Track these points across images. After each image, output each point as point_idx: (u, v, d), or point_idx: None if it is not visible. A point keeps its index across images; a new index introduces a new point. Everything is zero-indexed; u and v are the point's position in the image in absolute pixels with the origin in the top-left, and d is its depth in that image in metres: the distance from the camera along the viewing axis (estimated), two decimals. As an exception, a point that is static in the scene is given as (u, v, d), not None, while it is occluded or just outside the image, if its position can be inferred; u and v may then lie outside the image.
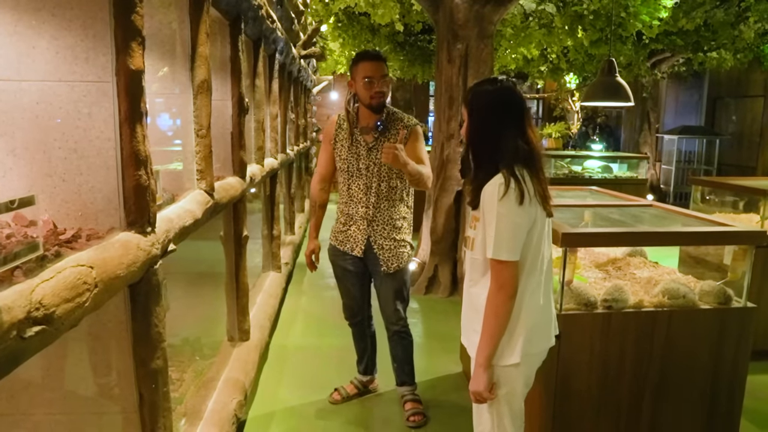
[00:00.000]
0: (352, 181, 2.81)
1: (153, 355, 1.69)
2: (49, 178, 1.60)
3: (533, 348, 1.76)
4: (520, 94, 1.77)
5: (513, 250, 1.64)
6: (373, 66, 2.66)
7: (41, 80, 1.55)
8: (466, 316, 1.87)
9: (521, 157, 1.68)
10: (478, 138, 1.76)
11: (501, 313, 1.66)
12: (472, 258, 1.79)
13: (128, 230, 1.60)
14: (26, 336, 1.03)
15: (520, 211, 1.63)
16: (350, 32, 8.25)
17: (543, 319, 1.79)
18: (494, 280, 1.66)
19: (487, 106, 1.73)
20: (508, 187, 1.62)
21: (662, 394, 2.30)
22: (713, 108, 11.94)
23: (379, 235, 2.79)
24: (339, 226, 2.91)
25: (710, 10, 7.15)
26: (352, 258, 2.86)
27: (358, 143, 2.77)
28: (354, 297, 3.01)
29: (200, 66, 2.32)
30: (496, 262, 1.65)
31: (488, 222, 1.66)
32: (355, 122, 2.78)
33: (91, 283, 1.27)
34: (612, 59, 3.93)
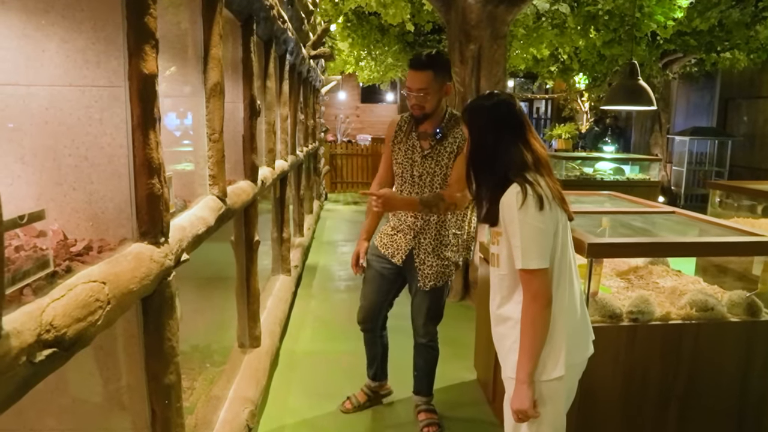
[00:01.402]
0: (404, 187, 2.67)
1: (166, 370, 1.63)
2: (59, 187, 1.53)
3: (574, 358, 1.70)
4: (517, 104, 1.75)
5: (542, 257, 1.59)
6: (412, 77, 2.49)
7: (51, 85, 1.49)
8: (499, 335, 1.80)
9: (530, 164, 1.66)
10: (480, 153, 1.74)
11: (539, 324, 1.61)
12: (500, 275, 1.74)
13: (141, 241, 1.54)
14: (36, 361, 0.96)
15: (542, 217, 1.59)
16: (359, 32, 8.19)
17: (581, 326, 1.74)
18: (527, 291, 1.62)
19: (486, 122, 1.72)
20: (526, 194, 1.59)
21: (688, 409, 2.22)
22: (725, 109, 11.80)
23: (423, 249, 2.66)
24: (387, 229, 2.80)
25: (725, 10, 7.04)
26: (390, 264, 2.76)
27: (415, 148, 2.63)
28: (372, 303, 2.89)
29: (213, 68, 2.26)
30: (526, 273, 1.60)
31: (512, 233, 1.62)
32: (413, 125, 2.64)
33: (103, 300, 1.21)
34: (634, 62, 3.84)
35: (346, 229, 8.36)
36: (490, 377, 3.11)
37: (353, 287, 5.54)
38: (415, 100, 2.50)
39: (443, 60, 2.55)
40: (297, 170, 6.20)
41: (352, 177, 12.52)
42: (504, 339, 1.75)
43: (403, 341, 3.06)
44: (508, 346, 1.73)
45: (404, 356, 3.09)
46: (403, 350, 3.11)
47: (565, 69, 10.27)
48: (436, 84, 2.49)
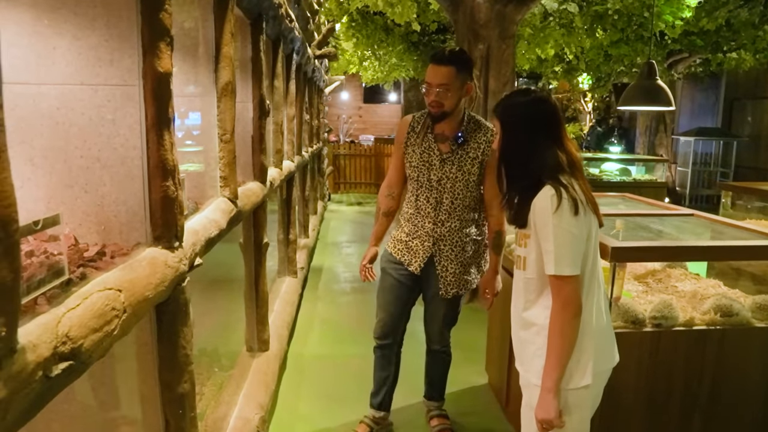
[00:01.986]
0: (420, 192, 2.51)
1: (180, 379, 1.58)
2: (70, 189, 1.48)
3: (601, 366, 1.65)
4: (554, 103, 1.69)
5: (575, 263, 1.54)
6: (432, 71, 2.35)
7: (62, 84, 1.43)
8: (522, 341, 1.75)
9: (564, 166, 1.61)
10: (512, 152, 1.69)
11: (568, 333, 1.56)
12: (527, 278, 1.68)
13: (154, 246, 1.49)
14: (53, 375, 0.91)
15: (576, 222, 1.54)
16: (364, 32, 8.14)
17: (608, 334, 1.70)
18: (557, 297, 1.57)
19: (519, 119, 1.66)
20: (561, 198, 1.54)
21: (712, 416, 2.17)
22: (730, 109, 11.74)
23: (445, 256, 2.53)
24: (401, 234, 2.63)
25: (734, 10, 6.98)
26: (406, 272, 2.59)
27: (432, 151, 2.47)
28: (393, 314, 2.69)
29: (225, 67, 2.20)
30: (557, 279, 1.55)
31: (544, 237, 1.57)
32: (430, 126, 2.49)
33: (119, 309, 1.15)
34: (652, 62, 3.78)
35: (350, 230, 8.30)
36: (504, 382, 3.06)
37: (359, 289, 5.48)
38: (435, 96, 2.35)
39: (466, 57, 2.42)
40: (302, 171, 6.15)
41: (355, 177, 12.46)
42: (527, 344, 1.70)
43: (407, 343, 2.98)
44: (531, 352, 1.68)
45: (410, 359, 3.00)
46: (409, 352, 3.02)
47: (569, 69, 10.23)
48: (458, 81, 2.35)
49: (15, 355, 0.82)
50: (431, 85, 2.36)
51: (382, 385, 2.84)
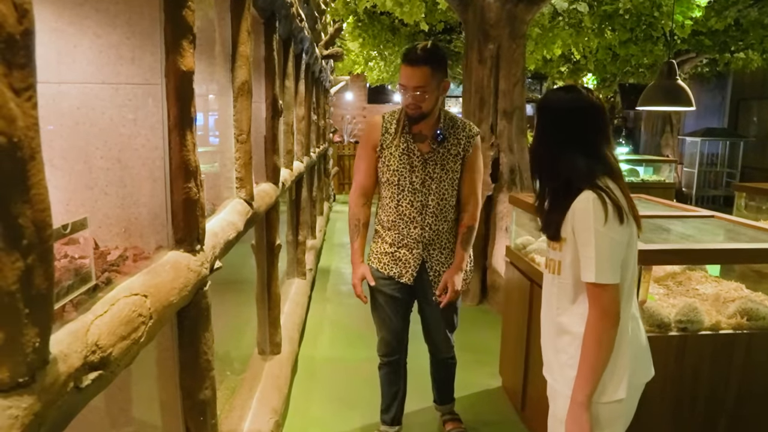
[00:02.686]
0: (402, 196, 2.37)
1: (201, 385, 1.54)
2: (90, 191, 1.44)
3: (636, 380, 1.59)
4: (597, 104, 1.59)
5: (616, 271, 1.48)
6: (407, 73, 2.21)
7: (82, 82, 1.40)
8: (553, 348, 1.68)
9: (602, 169, 1.54)
10: (542, 150, 1.62)
11: (605, 344, 1.49)
12: (561, 283, 1.61)
13: (176, 249, 1.45)
14: (83, 386, 0.87)
15: (619, 229, 1.48)
16: (370, 32, 8.10)
17: (645, 347, 1.64)
18: (595, 306, 1.50)
19: (559, 117, 1.58)
20: (605, 203, 1.47)
21: (739, 421, 2.13)
22: (737, 110, 11.68)
23: (435, 260, 2.44)
24: (384, 246, 2.49)
25: (743, 9, 6.93)
26: (399, 285, 2.47)
27: (411, 152, 2.34)
28: (395, 330, 2.58)
29: (241, 66, 2.17)
30: (596, 287, 1.48)
31: (584, 242, 1.50)
32: (406, 126, 2.35)
33: (146, 315, 1.11)
34: (672, 61, 3.73)
35: (356, 231, 8.24)
36: (519, 385, 3.01)
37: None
38: (412, 98, 2.22)
39: (441, 54, 2.25)
40: (310, 172, 6.11)
41: (359, 178, 12.40)
42: (559, 352, 1.64)
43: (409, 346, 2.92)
44: (563, 361, 1.62)
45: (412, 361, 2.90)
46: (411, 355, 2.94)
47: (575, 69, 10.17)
48: (434, 81, 2.21)
49: (47, 366, 0.78)
50: (407, 88, 2.22)
51: (393, 399, 2.75)
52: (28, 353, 0.72)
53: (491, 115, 4.93)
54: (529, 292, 2.87)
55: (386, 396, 2.75)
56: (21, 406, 0.70)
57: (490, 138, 4.95)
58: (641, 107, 4.03)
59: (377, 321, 2.62)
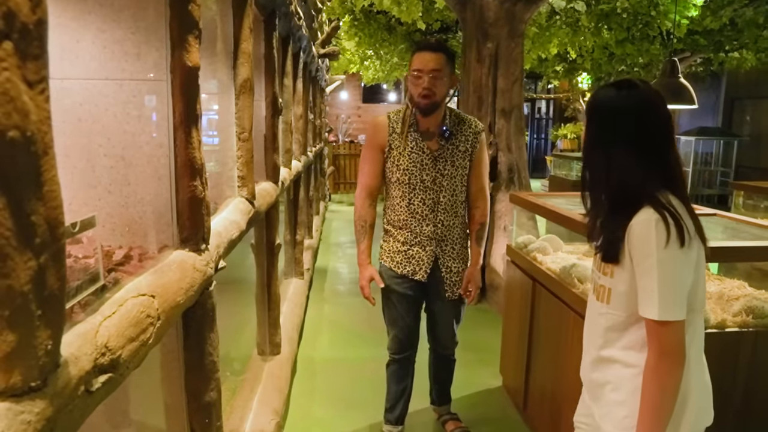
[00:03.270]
0: (414, 195, 2.38)
1: (207, 387, 1.51)
2: (93, 190, 1.41)
3: (700, 426, 1.42)
4: (655, 101, 1.38)
5: (682, 306, 1.29)
6: (425, 57, 2.22)
7: (86, 79, 1.37)
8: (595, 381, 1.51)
9: (663, 181, 1.33)
10: (592, 158, 1.42)
11: (670, 387, 1.30)
12: (610, 314, 1.42)
13: (182, 248, 1.42)
14: (93, 389, 0.84)
15: (684, 255, 1.28)
16: (366, 31, 8.08)
17: (708, 386, 1.48)
18: (656, 346, 1.30)
19: (612, 117, 1.38)
20: (669, 226, 1.26)
21: (747, 418, 2.12)
22: (731, 109, 11.75)
23: (448, 256, 2.46)
24: (396, 245, 2.48)
25: (739, 9, 6.96)
26: (412, 282, 2.48)
27: (421, 151, 2.36)
28: (408, 327, 2.58)
29: (243, 63, 2.14)
30: (658, 324, 1.29)
31: (644, 272, 1.30)
32: (414, 124, 2.37)
33: (154, 316, 1.09)
34: (675, 59, 3.73)
35: (352, 230, 8.21)
36: (521, 384, 3.00)
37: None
38: (428, 83, 2.22)
39: (451, 49, 2.38)
40: (307, 171, 6.08)
41: (355, 178, 12.39)
42: (603, 386, 1.48)
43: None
44: (609, 398, 1.45)
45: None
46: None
47: (571, 69, 10.19)
48: (447, 69, 2.27)
49: (59, 369, 0.75)
50: (423, 72, 2.23)
51: (399, 398, 2.74)
52: (40, 356, 0.69)
53: (489, 114, 4.92)
54: (531, 291, 2.85)
55: (392, 394, 2.74)
56: (33, 411, 0.68)
57: (489, 137, 4.94)
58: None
59: (389, 319, 2.61)
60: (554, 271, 2.63)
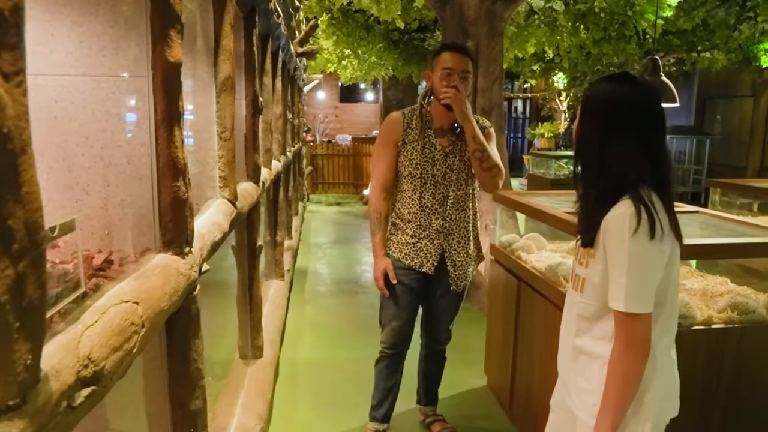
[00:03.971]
0: (425, 189, 2.46)
1: (192, 395, 1.46)
2: (70, 191, 1.35)
3: (663, 416, 1.46)
4: (656, 96, 1.42)
5: (649, 299, 1.32)
6: (457, 58, 2.35)
7: (61, 75, 1.30)
8: (570, 370, 1.55)
9: (649, 178, 1.34)
10: (585, 148, 1.43)
11: (631, 378, 1.34)
12: (583, 303, 1.47)
13: (164, 251, 1.36)
14: (76, 404, 0.79)
15: (655, 250, 1.31)
16: (344, 30, 8.03)
17: (674, 379, 1.51)
18: (622, 336, 1.34)
19: (605, 110, 1.38)
20: (641, 219, 1.29)
21: (731, 415, 2.13)
22: (703, 108, 11.98)
23: (454, 249, 2.51)
24: (405, 237, 2.52)
25: (711, 10, 7.08)
26: (418, 275, 2.52)
27: (433, 146, 2.45)
28: (406, 320, 2.60)
29: (224, 61, 2.08)
30: (625, 316, 1.32)
31: (615, 264, 1.33)
32: (428, 121, 2.46)
33: (138, 324, 1.03)
34: (656, 58, 3.76)
35: (331, 230, 8.17)
36: (507, 384, 2.99)
37: (346, 291, 5.38)
38: (458, 82, 2.33)
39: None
40: (286, 171, 6.01)
41: (333, 177, 12.34)
42: (578, 375, 1.52)
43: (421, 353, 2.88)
44: (581, 385, 1.50)
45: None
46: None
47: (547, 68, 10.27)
48: (471, 73, 2.41)
49: (39, 385, 0.70)
50: (454, 71, 2.34)
51: (387, 395, 2.71)
52: (19, 372, 0.64)
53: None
54: (516, 290, 2.84)
55: (380, 391, 2.71)
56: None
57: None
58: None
59: (389, 311, 2.60)
60: (540, 270, 2.63)
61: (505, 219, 4.77)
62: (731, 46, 8.37)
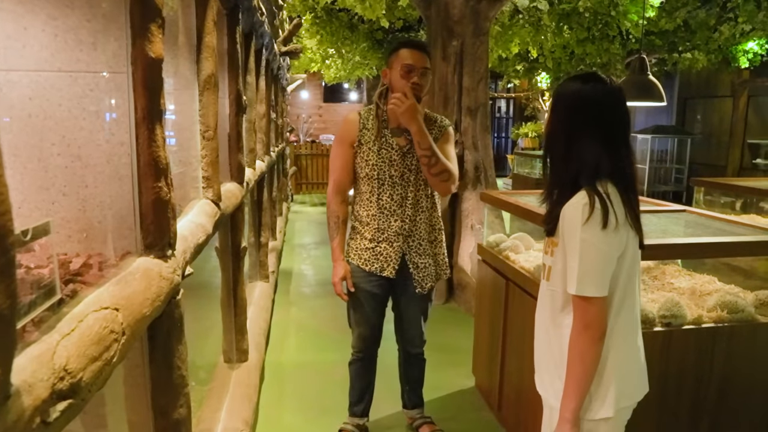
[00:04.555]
0: (383, 190, 2.40)
1: (175, 403, 1.40)
2: (45, 192, 1.29)
3: (627, 400, 1.51)
4: (617, 95, 1.47)
5: (601, 284, 1.39)
6: (416, 55, 2.30)
7: (35, 70, 1.24)
8: (543, 356, 1.62)
9: (607, 171, 1.42)
10: (554, 142, 1.51)
11: (588, 359, 1.41)
12: (550, 290, 1.54)
13: (146, 255, 1.31)
14: (51, 420, 0.74)
15: (607, 238, 1.38)
16: (328, 29, 7.97)
17: (638, 363, 1.56)
18: (578, 319, 1.42)
19: (573, 107, 1.45)
20: (594, 208, 1.37)
21: (721, 413, 2.13)
22: (684, 108, 12.11)
23: (415, 252, 2.45)
24: (364, 242, 2.47)
25: (693, 11, 7.15)
26: (380, 279, 2.47)
27: (390, 146, 2.39)
28: (374, 325, 2.59)
29: (207, 58, 2.02)
30: (580, 299, 1.40)
31: (570, 250, 1.42)
32: (384, 121, 2.41)
33: (118, 331, 0.98)
34: (643, 56, 3.76)
35: (315, 230, 8.11)
36: (495, 385, 2.97)
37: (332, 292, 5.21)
38: (418, 79, 2.29)
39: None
40: (270, 171, 5.94)
41: (317, 178, 12.27)
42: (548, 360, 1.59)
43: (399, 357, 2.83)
44: (552, 371, 1.57)
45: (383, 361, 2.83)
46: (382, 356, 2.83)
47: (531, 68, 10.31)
48: (431, 69, 2.37)
49: (9, 401, 0.65)
50: (414, 68, 2.29)
51: (364, 393, 2.76)
52: (-13, 388, 0.59)
53: (455, 112, 4.89)
54: (505, 290, 2.82)
55: (357, 390, 2.76)
56: (-20, 454, 0.58)
57: (455, 135, 4.91)
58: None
59: (355, 318, 2.60)
60: (528, 270, 2.61)
61: (491, 219, 4.76)
62: (711, 47, 8.47)
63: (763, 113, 10.38)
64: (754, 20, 6.84)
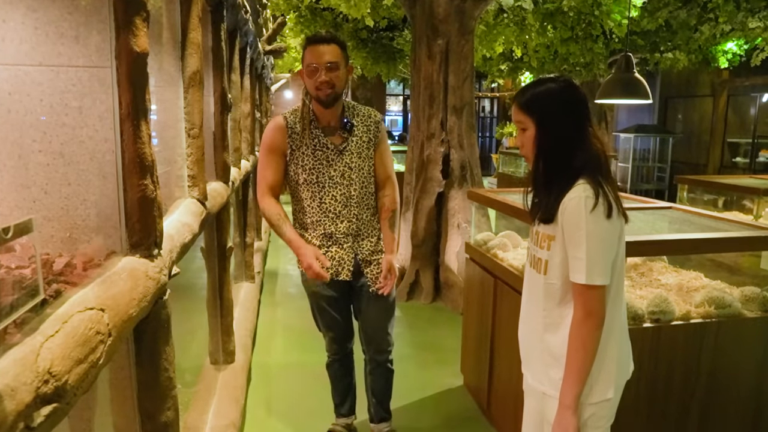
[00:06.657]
0: (324, 192, 2.28)
1: (163, 406, 1.37)
2: (27, 190, 1.25)
3: (623, 378, 1.57)
4: (582, 90, 1.57)
5: (606, 272, 1.44)
6: (319, 50, 2.15)
7: (15, 64, 1.20)
8: (534, 348, 1.63)
9: (598, 163, 1.49)
10: (556, 146, 1.51)
11: (590, 345, 1.45)
12: (549, 284, 1.55)
13: (132, 254, 1.28)
14: (35, 425, 0.71)
15: (610, 227, 1.44)
16: (312, 27, 7.92)
17: (627, 344, 1.62)
18: (581, 307, 1.45)
19: (562, 108, 1.50)
20: (598, 200, 1.42)
21: (709, 408, 2.15)
22: (665, 107, 12.25)
23: (366, 251, 2.37)
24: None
25: (674, 11, 7.22)
26: (337, 284, 2.38)
27: (325, 146, 2.27)
28: (341, 328, 2.55)
29: (192, 54, 1.99)
30: (585, 288, 1.44)
31: (575, 242, 1.44)
32: (314, 121, 2.27)
33: (104, 332, 0.95)
34: (629, 54, 3.79)
35: (302, 231, 8.04)
36: (484, 383, 2.96)
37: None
38: (326, 76, 2.14)
39: (343, 39, 2.29)
40: (255, 171, 5.89)
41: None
42: (542, 352, 1.60)
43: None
44: (548, 362, 1.58)
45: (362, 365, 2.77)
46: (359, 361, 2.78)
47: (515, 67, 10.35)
48: (343, 60, 2.21)
49: (-8, 405, 0.62)
50: (319, 67, 2.15)
51: (347, 393, 2.75)
52: (-32, 392, 0.56)
53: (441, 111, 4.89)
54: (493, 288, 2.82)
55: (339, 390, 2.74)
56: (-40, 462, 0.55)
57: (440, 134, 4.90)
58: (600, 100, 4.08)
59: (323, 325, 2.57)
60: (517, 268, 2.60)
61: (478, 217, 4.77)
62: (692, 47, 8.57)
63: (742, 113, 10.55)
64: (733, 20, 6.93)
